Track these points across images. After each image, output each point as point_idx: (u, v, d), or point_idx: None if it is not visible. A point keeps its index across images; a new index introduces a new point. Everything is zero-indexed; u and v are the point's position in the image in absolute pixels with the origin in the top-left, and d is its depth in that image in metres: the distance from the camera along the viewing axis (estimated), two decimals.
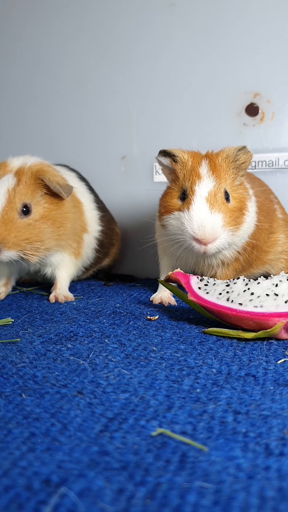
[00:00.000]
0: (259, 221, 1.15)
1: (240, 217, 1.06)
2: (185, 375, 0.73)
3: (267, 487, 0.46)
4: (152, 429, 0.57)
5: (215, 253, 1.08)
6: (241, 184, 1.11)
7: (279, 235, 1.27)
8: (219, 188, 1.05)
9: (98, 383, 0.70)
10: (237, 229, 1.06)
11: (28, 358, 0.79)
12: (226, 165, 1.08)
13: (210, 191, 1.04)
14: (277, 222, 1.28)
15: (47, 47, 1.66)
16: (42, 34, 1.66)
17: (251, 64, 1.47)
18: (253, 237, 1.14)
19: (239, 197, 1.08)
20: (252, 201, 1.13)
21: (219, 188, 1.05)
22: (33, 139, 1.70)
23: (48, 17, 1.65)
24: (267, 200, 1.27)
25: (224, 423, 0.59)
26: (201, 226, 1.02)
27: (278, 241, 1.26)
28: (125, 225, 1.61)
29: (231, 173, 1.09)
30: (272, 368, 0.77)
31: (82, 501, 0.44)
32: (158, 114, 1.55)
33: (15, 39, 1.69)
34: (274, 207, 1.29)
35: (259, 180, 1.33)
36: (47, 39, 1.66)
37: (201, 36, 1.50)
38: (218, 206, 1.03)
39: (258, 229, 1.15)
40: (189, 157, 1.11)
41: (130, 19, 1.56)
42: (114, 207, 1.61)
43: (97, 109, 1.62)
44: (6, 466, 0.49)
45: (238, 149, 1.09)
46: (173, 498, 0.44)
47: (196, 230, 1.02)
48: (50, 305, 1.16)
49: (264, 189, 1.29)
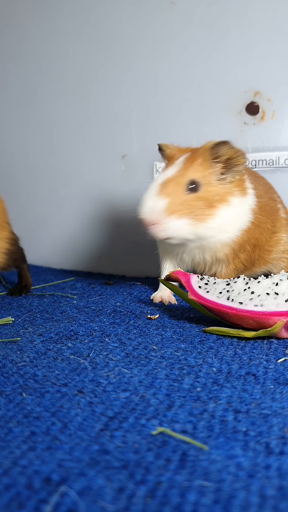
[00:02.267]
0: (259, 221, 1.15)
1: (205, 208, 1.07)
2: (186, 374, 0.73)
3: (267, 486, 0.46)
4: (152, 428, 0.57)
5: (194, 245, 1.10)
6: (237, 182, 1.11)
7: (281, 235, 1.27)
8: (181, 177, 1.06)
9: (99, 382, 0.70)
10: (200, 220, 1.06)
11: (29, 357, 0.79)
12: (202, 159, 1.09)
13: (167, 178, 1.07)
14: (280, 222, 1.28)
15: (47, 46, 1.66)
16: (42, 34, 1.66)
17: (252, 63, 1.47)
18: (252, 236, 1.14)
19: (216, 190, 1.08)
20: (246, 199, 1.13)
21: (181, 177, 1.06)
22: (33, 138, 1.70)
23: (49, 17, 1.65)
24: (271, 200, 1.26)
25: (225, 422, 0.59)
26: (142, 207, 1.05)
27: (280, 240, 1.27)
28: (125, 225, 1.61)
29: (210, 168, 1.09)
30: (273, 367, 0.77)
31: (83, 500, 0.44)
32: (159, 113, 1.55)
33: (15, 38, 1.69)
34: (278, 206, 1.29)
35: (264, 179, 1.33)
36: (48, 38, 1.66)
37: (202, 35, 1.50)
38: (168, 192, 1.05)
39: (259, 228, 1.15)
40: (176, 152, 1.14)
41: (131, 19, 1.56)
42: (114, 206, 1.61)
43: (98, 108, 1.62)
44: (7, 465, 0.49)
45: (216, 143, 1.09)
46: (174, 496, 0.44)
47: (139, 210, 1.06)
48: (51, 304, 1.16)
49: (268, 189, 1.29)
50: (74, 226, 1.67)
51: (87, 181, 1.64)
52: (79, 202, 1.66)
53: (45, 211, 1.71)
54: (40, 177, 1.70)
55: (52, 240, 1.71)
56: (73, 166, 1.65)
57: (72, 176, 1.66)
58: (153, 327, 0.97)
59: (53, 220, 1.70)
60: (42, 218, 1.71)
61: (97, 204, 1.64)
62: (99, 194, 1.62)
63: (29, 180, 1.72)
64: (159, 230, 1.05)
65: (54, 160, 1.68)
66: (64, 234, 1.69)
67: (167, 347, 0.85)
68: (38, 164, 1.70)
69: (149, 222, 1.04)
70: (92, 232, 1.66)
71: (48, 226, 1.71)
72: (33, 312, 1.08)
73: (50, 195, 1.70)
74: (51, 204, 1.69)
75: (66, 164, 1.66)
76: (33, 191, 1.72)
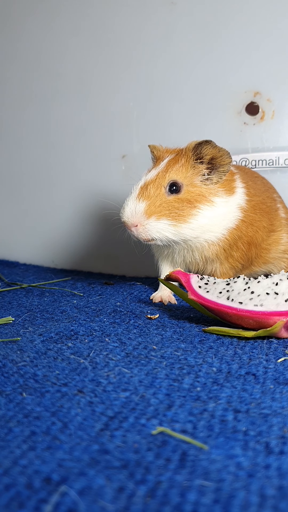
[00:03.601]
0: (252, 219, 1.16)
1: (186, 209, 1.09)
2: (186, 373, 0.74)
3: (267, 486, 0.46)
4: (152, 427, 0.57)
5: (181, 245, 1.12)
6: (223, 182, 1.12)
7: (281, 234, 1.27)
8: (161, 178, 1.09)
9: (99, 382, 0.70)
10: (181, 221, 1.08)
11: (29, 357, 0.79)
12: (185, 160, 1.11)
13: (148, 181, 1.10)
14: (279, 221, 1.28)
15: (46, 46, 1.66)
16: (41, 33, 1.66)
17: (252, 63, 1.47)
18: (244, 234, 1.15)
19: (198, 191, 1.10)
20: (234, 198, 1.14)
21: (161, 178, 1.09)
22: (33, 138, 1.69)
23: (48, 16, 1.65)
24: (269, 199, 1.27)
25: (225, 421, 0.59)
26: (122, 210, 1.11)
27: (280, 240, 1.27)
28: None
29: (192, 169, 1.10)
30: (272, 366, 0.77)
31: (83, 500, 0.44)
32: (159, 112, 1.55)
33: (14, 37, 1.69)
34: (277, 206, 1.30)
35: (263, 179, 1.33)
36: (47, 38, 1.66)
37: (202, 34, 1.50)
38: (146, 194, 1.09)
39: (252, 226, 1.17)
40: (163, 153, 1.17)
41: (130, 18, 1.56)
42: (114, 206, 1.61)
43: (97, 108, 1.62)
44: (7, 465, 0.49)
45: (198, 143, 1.10)
46: (174, 496, 0.45)
47: (121, 213, 1.11)
48: (51, 303, 1.16)
49: (267, 188, 1.29)
50: (74, 225, 1.67)
51: (87, 181, 1.64)
52: (79, 202, 1.66)
53: (45, 211, 1.71)
54: (39, 177, 1.70)
55: (52, 240, 1.71)
56: (73, 166, 1.65)
57: (72, 176, 1.66)
58: (153, 327, 0.97)
59: (53, 220, 1.70)
60: (42, 218, 1.71)
61: (97, 204, 1.64)
62: (99, 194, 1.62)
63: (28, 180, 1.72)
64: (140, 232, 1.08)
65: (53, 160, 1.68)
66: (64, 233, 1.69)
67: (167, 347, 0.85)
68: (38, 164, 1.70)
69: (130, 224, 1.09)
70: (92, 232, 1.66)
71: (48, 226, 1.71)
72: (33, 312, 1.08)
73: (50, 194, 1.69)
74: (51, 203, 1.69)
75: (66, 164, 1.66)
76: (33, 190, 1.71)
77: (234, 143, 1.46)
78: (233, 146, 1.45)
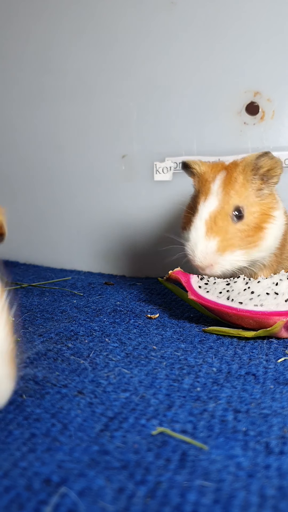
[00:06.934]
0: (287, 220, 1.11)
1: (255, 234, 1.02)
2: (186, 374, 0.74)
3: (267, 486, 0.46)
4: (152, 428, 0.57)
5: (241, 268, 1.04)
6: (270, 194, 1.06)
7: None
8: (224, 207, 1.00)
9: (99, 383, 0.70)
10: (252, 247, 1.01)
11: (29, 358, 0.79)
12: (243, 178, 1.03)
13: (211, 212, 1.00)
14: None
15: (48, 47, 1.66)
16: (43, 35, 1.66)
17: (252, 63, 1.47)
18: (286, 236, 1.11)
19: (261, 210, 1.03)
20: (280, 205, 1.09)
21: (224, 207, 1.00)
22: (33, 138, 1.69)
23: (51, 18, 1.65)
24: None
25: (225, 421, 0.59)
26: (193, 251, 1.00)
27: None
28: (126, 224, 1.61)
29: (250, 186, 1.03)
30: (272, 366, 0.77)
31: (83, 501, 0.44)
32: (159, 112, 1.55)
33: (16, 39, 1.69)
34: None
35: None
36: (49, 39, 1.66)
37: (202, 35, 1.50)
38: (216, 229, 0.99)
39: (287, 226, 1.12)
40: (206, 170, 1.07)
41: (131, 19, 1.56)
42: (115, 206, 1.61)
43: (98, 108, 1.62)
44: (7, 467, 0.49)
45: (257, 157, 1.02)
46: (174, 496, 0.45)
47: (191, 254, 1.01)
48: (51, 303, 1.16)
49: None
50: (73, 225, 1.67)
51: (87, 180, 1.64)
52: (79, 202, 1.66)
53: (45, 211, 1.71)
54: (39, 177, 1.70)
55: (52, 239, 1.71)
56: (73, 166, 1.65)
57: (71, 176, 1.66)
58: (153, 327, 0.97)
59: (53, 220, 1.70)
60: (42, 218, 1.71)
61: (97, 204, 1.64)
62: (99, 194, 1.62)
63: (29, 180, 1.72)
64: (215, 270, 1.00)
65: (54, 160, 1.68)
66: (64, 233, 1.69)
67: (167, 347, 0.85)
68: (38, 164, 1.70)
69: (204, 266, 1.00)
70: (92, 232, 1.66)
71: (47, 226, 1.71)
72: (33, 312, 1.08)
73: (50, 194, 1.70)
74: (51, 203, 1.70)
75: (66, 164, 1.66)
76: (33, 190, 1.72)
77: (234, 143, 1.46)
78: (233, 146, 1.46)
